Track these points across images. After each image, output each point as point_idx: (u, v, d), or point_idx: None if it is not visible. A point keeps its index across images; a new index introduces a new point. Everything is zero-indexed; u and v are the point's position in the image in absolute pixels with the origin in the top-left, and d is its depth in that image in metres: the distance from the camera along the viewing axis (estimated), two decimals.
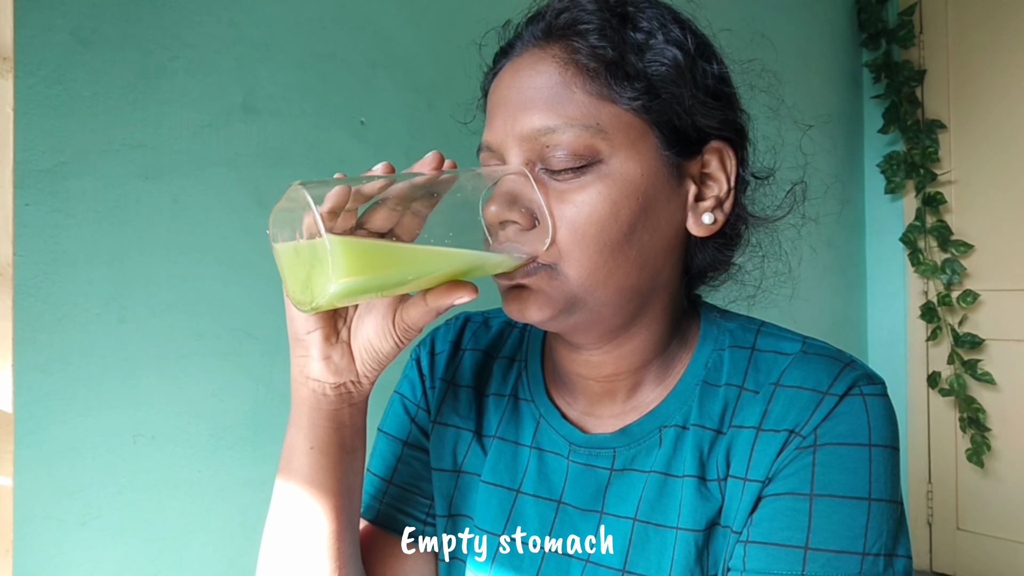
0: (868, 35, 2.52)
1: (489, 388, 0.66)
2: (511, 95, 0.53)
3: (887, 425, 0.52)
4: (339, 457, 0.54)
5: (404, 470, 0.66)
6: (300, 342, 0.51)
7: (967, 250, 2.34)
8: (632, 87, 0.51)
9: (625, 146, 0.51)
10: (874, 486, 0.50)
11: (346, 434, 0.55)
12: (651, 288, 0.55)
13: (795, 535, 0.49)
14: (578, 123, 0.50)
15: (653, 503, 0.55)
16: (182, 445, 1.00)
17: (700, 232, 0.55)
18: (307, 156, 1.14)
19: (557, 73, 0.51)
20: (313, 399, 0.52)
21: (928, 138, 2.39)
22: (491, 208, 0.49)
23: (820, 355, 0.55)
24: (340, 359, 0.51)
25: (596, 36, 0.51)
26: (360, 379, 0.52)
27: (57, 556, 0.88)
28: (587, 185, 0.50)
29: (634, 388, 0.59)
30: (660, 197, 0.52)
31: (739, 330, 0.59)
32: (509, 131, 0.52)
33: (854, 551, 0.48)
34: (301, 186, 0.42)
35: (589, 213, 0.50)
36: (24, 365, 0.86)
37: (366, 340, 0.51)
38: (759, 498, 0.52)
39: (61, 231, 0.89)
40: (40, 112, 0.88)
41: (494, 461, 0.62)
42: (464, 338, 0.69)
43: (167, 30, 0.99)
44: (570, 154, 0.50)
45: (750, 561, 0.50)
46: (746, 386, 0.56)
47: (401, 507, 0.66)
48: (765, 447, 0.52)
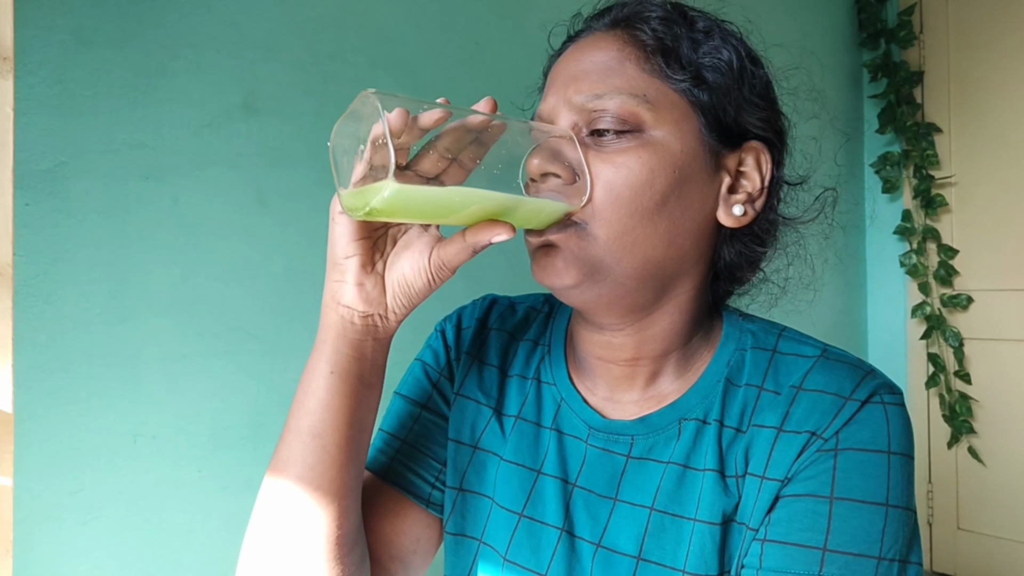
0: (867, 35, 2.52)
1: (512, 369, 0.67)
2: (569, 68, 0.56)
3: (905, 434, 0.53)
4: (357, 387, 0.55)
5: (418, 430, 0.67)
6: (337, 266, 0.52)
7: (954, 254, 2.37)
8: (683, 71, 0.54)
9: (669, 121, 0.54)
10: (892, 493, 0.51)
11: (366, 367, 0.55)
12: (676, 271, 0.56)
13: (814, 536, 0.50)
14: (625, 92, 0.53)
15: (671, 494, 0.56)
16: (182, 445, 1.00)
17: (729, 223, 0.57)
18: (307, 156, 1.14)
19: (616, 50, 0.55)
20: (340, 325, 0.53)
21: (925, 140, 2.40)
22: (534, 160, 0.52)
23: (841, 362, 0.56)
24: (373, 289, 0.52)
25: (657, 23, 0.55)
26: (388, 313, 0.53)
27: (57, 556, 0.88)
28: (628, 150, 0.52)
29: (654, 376, 0.60)
30: (696, 177, 0.55)
31: (761, 332, 0.61)
32: (561, 99, 0.55)
33: (871, 555, 0.49)
34: (375, 96, 0.44)
35: (627, 175, 0.52)
36: (24, 365, 0.86)
37: (400, 274, 0.52)
38: (777, 498, 0.53)
39: (61, 231, 0.89)
40: (40, 112, 0.88)
41: (516, 441, 0.63)
42: (491, 318, 0.71)
43: (168, 30, 0.99)
44: (615, 118, 0.53)
45: (767, 559, 0.51)
46: (766, 387, 0.57)
47: (409, 464, 0.66)
48: (785, 447, 0.53)
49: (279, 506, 0.55)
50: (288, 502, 0.54)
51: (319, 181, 1.15)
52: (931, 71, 2.45)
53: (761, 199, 0.58)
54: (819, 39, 2.42)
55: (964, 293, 2.34)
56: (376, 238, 0.53)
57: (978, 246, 2.35)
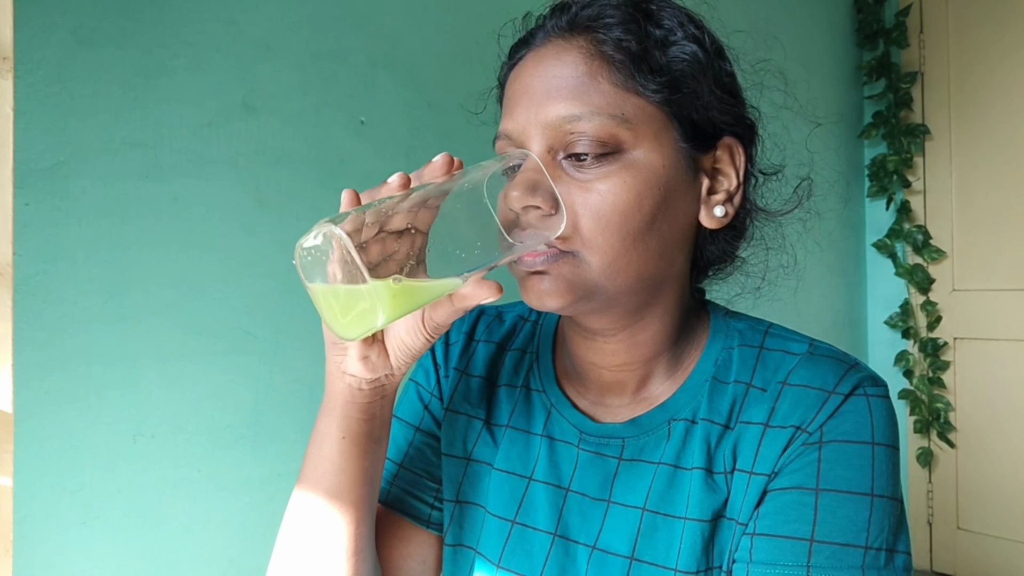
0: (865, 35, 2.52)
1: (501, 379, 0.68)
2: (535, 84, 0.53)
3: (888, 425, 0.54)
4: (367, 446, 0.56)
5: (415, 455, 0.68)
6: (337, 346, 0.52)
7: (940, 256, 2.39)
8: (655, 80, 0.52)
9: (648, 137, 0.52)
10: (876, 483, 0.51)
11: (376, 425, 0.56)
12: (664, 277, 0.56)
13: (801, 528, 0.51)
14: (604, 112, 0.51)
15: (662, 494, 0.56)
16: (182, 445, 1.00)
17: (712, 224, 0.57)
18: (307, 155, 1.14)
19: (583, 63, 0.52)
20: (348, 393, 0.54)
21: (913, 143, 2.42)
22: (513, 193, 0.50)
23: (826, 356, 0.57)
24: (376, 357, 0.52)
25: (621, 30, 0.52)
26: (394, 372, 0.54)
27: (57, 556, 0.88)
28: (611, 175, 0.51)
29: (644, 380, 0.61)
30: (678, 189, 0.54)
31: (748, 330, 0.61)
32: (532, 119, 0.53)
33: (857, 544, 0.50)
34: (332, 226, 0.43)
35: (613, 202, 0.51)
36: (24, 365, 0.86)
37: (399, 339, 0.52)
38: (764, 492, 0.53)
39: (61, 231, 0.89)
40: (40, 111, 0.88)
41: (507, 450, 0.64)
42: (478, 330, 0.71)
43: (167, 29, 0.99)
44: (594, 141, 0.51)
45: (757, 553, 0.51)
46: (754, 383, 0.57)
47: (412, 491, 0.67)
48: (772, 443, 0.54)
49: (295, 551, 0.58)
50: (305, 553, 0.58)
51: (319, 181, 1.15)
52: (931, 71, 2.45)
53: (739, 195, 0.57)
54: (820, 39, 2.42)
55: (962, 291, 2.34)
56: None
57: (978, 246, 2.35)
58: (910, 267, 2.44)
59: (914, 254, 2.44)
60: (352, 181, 1.19)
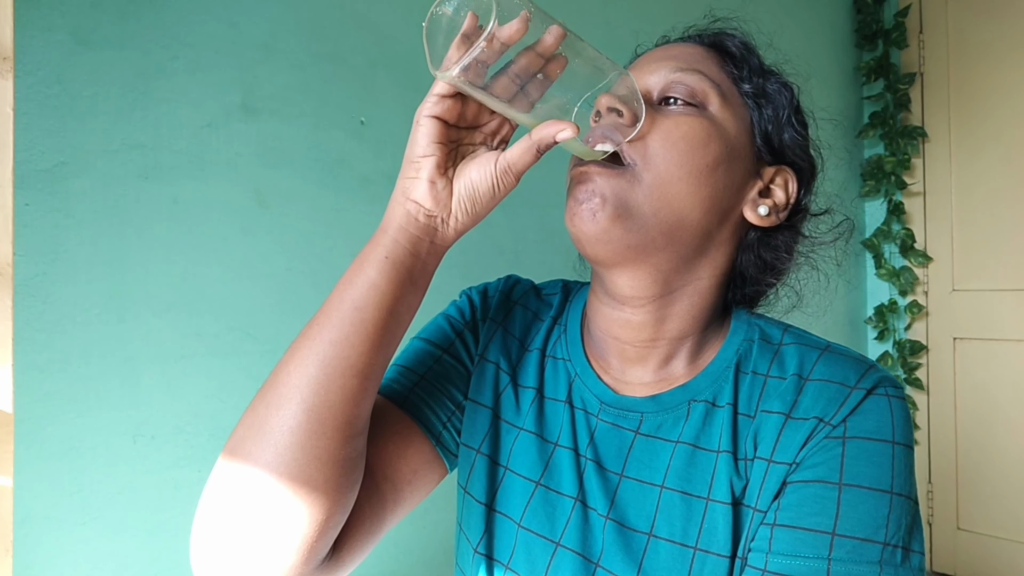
0: (864, 36, 2.52)
1: (532, 344, 0.71)
2: (658, 53, 0.64)
3: (907, 426, 0.55)
4: (405, 280, 0.54)
5: (438, 369, 0.69)
6: (413, 164, 0.54)
7: (926, 260, 2.41)
8: (752, 83, 0.62)
9: (730, 110, 0.60)
10: (896, 481, 0.53)
11: (418, 265, 0.55)
12: (701, 245, 0.60)
13: (823, 521, 0.52)
14: (705, 76, 0.60)
15: (681, 472, 0.58)
16: (182, 445, 1.00)
17: (753, 219, 0.62)
18: (307, 156, 1.14)
19: (702, 49, 0.64)
20: (405, 218, 0.54)
21: (910, 145, 2.42)
22: (605, 96, 0.56)
23: (845, 355, 0.59)
24: (443, 190, 0.54)
25: (738, 42, 0.65)
26: (451, 219, 0.55)
27: (57, 556, 0.88)
28: (691, 115, 0.58)
29: (666, 359, 0.63)
30: (741, 164, 0.61)
31: (768, 327, 0.64)
32: (647, 69, 0.62)
33: (876, 540, 0.51)
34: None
35: (686, 131, 0.57)
36: (24, 365, 0.86)
37: (468, 179, 0.54)
38: (784, 483, 0.55)
39: (61, 231, 0.89)
40: (40, 112, 0.88)
41: (534, 413, 0.66)
42: (515, 293, 0.75)
43: (167, 30, 0.99)
44: (688, 90, 0.59)
45: (777, 543, 0.52)
46: (772, 374, 0.60)
47: (425, 398, 0.66)
48: (793, 433, 0.55)
49: (303, 361, 0.53)
50: (313, 363, 0.52)
51: (318, 181, 1.15)
52: (930, 72, 2.45)
53: (784, 213, 0.63)
54: (818, 39, 2.42)
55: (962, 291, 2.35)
56: (451, 148, 0.56)
57: (978, 246, 2.35)
58: (894, 269, 2.45)
59: (900, 256, 2.46)
60: (352, 182, 1.20)
